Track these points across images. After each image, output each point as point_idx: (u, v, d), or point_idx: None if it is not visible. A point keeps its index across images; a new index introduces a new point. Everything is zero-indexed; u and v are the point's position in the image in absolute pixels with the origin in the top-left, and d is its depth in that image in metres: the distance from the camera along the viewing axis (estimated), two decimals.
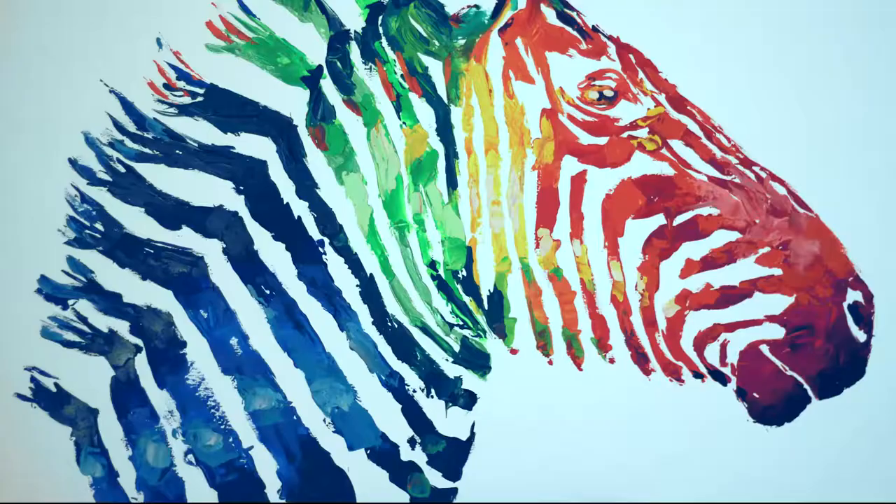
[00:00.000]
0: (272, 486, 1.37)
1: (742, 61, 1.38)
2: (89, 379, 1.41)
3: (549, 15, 1.37)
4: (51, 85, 1.47)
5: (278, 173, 1.38)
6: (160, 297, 1.39)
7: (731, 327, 1.29)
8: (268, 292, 1.37)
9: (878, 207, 1.37)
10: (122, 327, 1.40)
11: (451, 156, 1.35)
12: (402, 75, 1.37)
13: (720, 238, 1.29)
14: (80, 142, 1.42)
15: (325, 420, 1.37)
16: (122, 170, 1.40)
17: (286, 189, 1.38)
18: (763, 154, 1.33)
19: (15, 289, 1.44)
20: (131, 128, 1.41)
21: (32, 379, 1.43)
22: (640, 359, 1.33)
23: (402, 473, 1.37)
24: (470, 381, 1.39)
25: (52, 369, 1.43)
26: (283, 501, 1.37)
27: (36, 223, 1.43)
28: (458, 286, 1.36)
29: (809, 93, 1.37)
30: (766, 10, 1.38)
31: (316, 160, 1.38)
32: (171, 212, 1.39)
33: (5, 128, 1.48)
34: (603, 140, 1.33)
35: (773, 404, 1.30)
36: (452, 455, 1.39)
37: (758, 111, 1.38)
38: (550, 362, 1.36)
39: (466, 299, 1.36)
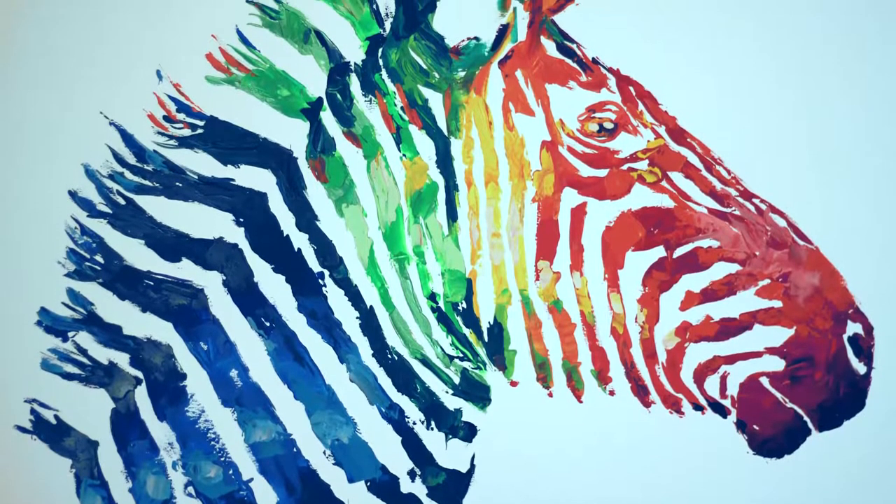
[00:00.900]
0: None
1: (742, 93, 1.41)
2: (89, 411, 1.44)
3: (549, 47, 1.40)
4: (51, 117, 1.51)
5: (278, 205, 1.41)
6: (160, 329, 1.42)
7: (731, 359, 1.31)
8: (268, 324, 1.40)
9: (878, 240, 1.39)
10: (122, 359, 1.43)
11: (451, 188, 1.38)
12: (402, 107, 1.40)
13: (720, 270, 1.32)
14: (81, 174, 1.45)
15: (325, 452, 1.39)
16: (122, 202, 1.43)
17: (286, 221, 1.41)
18: (763, 186, 1.36)
19: (15, 321, 1.47)
20: (131, 160, 1.44)
21: (32, 411, 1.46)
22: (640, 391, 1.35)
23: None
24: (470, 413, 1.41)
25: (52, 401, 1.46)
26: None
27: (36, 255, 1.46)
28: (458, 318, 1.38)
29: (809, 125, 1.40)
30: (766, 43, 1.41)
31: (316, 192, 1.41)
32: (171, 244, 1.42)
33: (6, 159, 1.52)
34: (603, 172, 1.36)
35: (773, 436, 1.32)
36: (452, 487, 1.41)
37: (758, 143, 1.40)
38: (550, 394, 1.38)
39: (466, 331, 1.38)
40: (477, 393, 1.40)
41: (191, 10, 1.48)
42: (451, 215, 1.38)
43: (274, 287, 1.40)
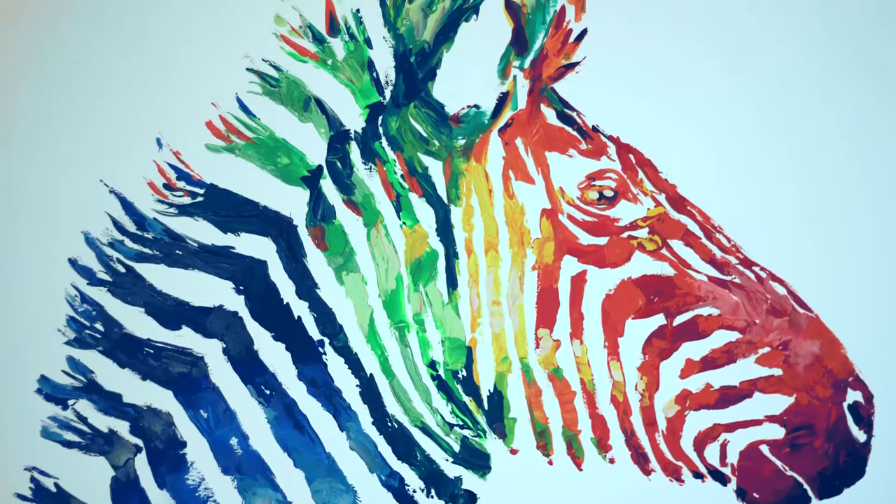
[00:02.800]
0: None
1: (741, 162, 1.45)
2: (89, 479, 1.48)
3: (549, 115, 1.45)
4: (51, 184, 1.55)
5: (278, 273, 1.46)
6: (160, 397, 1.47)
7: (731, 427, 1.35)
8: (268, 392, 1.45)
9: (878, 308, 1.43)
10: (122, 427, 1.47)
11: (451, 256, 1.43)
12: (402, 175, 1.45)
13: (720, 338, 1.36)
14: (81, 242, 1.50)
15: None
16: (123, 270, 1.48)
17: (286, 289, 1.46)
18: (763, 254, 1.41)
19: (15, 388, 1.51)
20: (131, 228, 1.49)
21: (32, 479, 1.50)
22: (640, 459, 1.39)
23: None
24: (470, 480, 1.44)
25: (52, 469, 1.50)
26: None
27: (36, 323, 1.51)
28: (459, 386, 1.43)
29: (809, 195, 1.44)
30: (765, 112, 1.45)
31: (316, 260, 1.46)
32: (172, 312, 1.47)
33: (6, 226, 1.56)
34: (603, 240, 1.41)
35: None
36: None
37: (757, 211, 1.44)
38: (550, 462, 1.42)
39: (466, 399, 1.43)
40: (477, 461, 1.44)
41: (191, 78, 1.53)
42: (451, 283, 1.43)
43: (274, 355, 1.45)
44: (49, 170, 1.56)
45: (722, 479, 1.37)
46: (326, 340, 1.45)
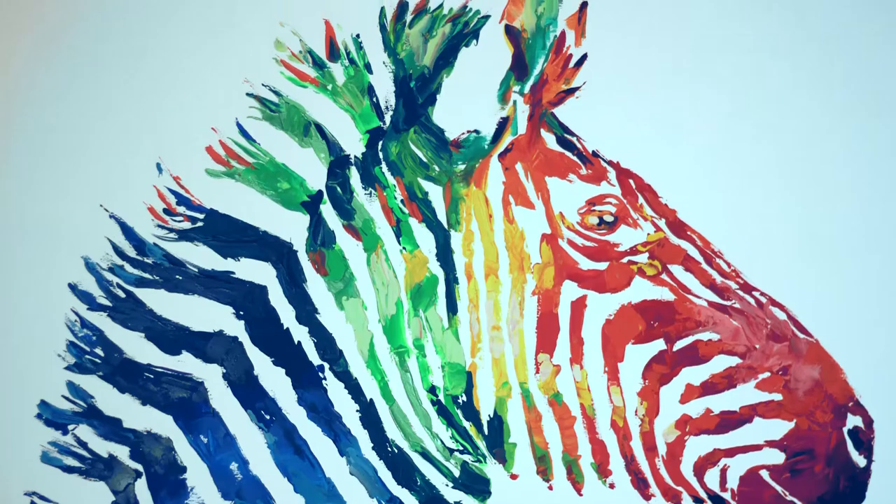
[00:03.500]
0: None
1: (742, 186, 1.47)
2: None
3: (549, 140, 1.47)
4: (51, 210, 1.57)
5: (278, 298, 1.48)
6: (160, 422, 1.48)
7: (731, 452, 1.36)
8: (268, 417, 1.46)
9: (878, 333, 1.44)
10: (122, 452, 1.49)
11: (451, 281, 1.45)
12: (401, 200, 1.47)
13: (720, 363, 1.38)
14: (80, 267, 1.52)
15: None
16: (123, 295, 1.50)
17: (286, 314, 1.47)
18: (763, 279, 1.42)
19: (15, 414, 1.53)
20: (131, 253, 1.51)
21: None
22: (640, 484, 1.40)
23: None
24: None
25: (52, 494, 1.52)
26: None
27: (36, 348, 1.53)
28: (458, 411, 1.44)
29: (810, 219, 1.46)
30: (766, 137, 1.47)
31: (316, 285, 1.48)
32: (171, 337, 1.49)
33: (6, 252, 1.58)
34: (603, 265, 1.42)
35: None
36: None
37: (758, 236, 1.46)
38: (550, 487, 1.43)
39: (466, 424, 1.44)
40: (477, 486, 1.45)
41: (191, 103, 1.55)
42: (451, 308, 1.45)
43: (274, 380, 1.47)
44: (49, 194, 1.58)
45: None
46: (326, 365, 1.47)
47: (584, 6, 1.48)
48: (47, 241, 1.57)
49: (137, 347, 1.49)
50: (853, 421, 1.37)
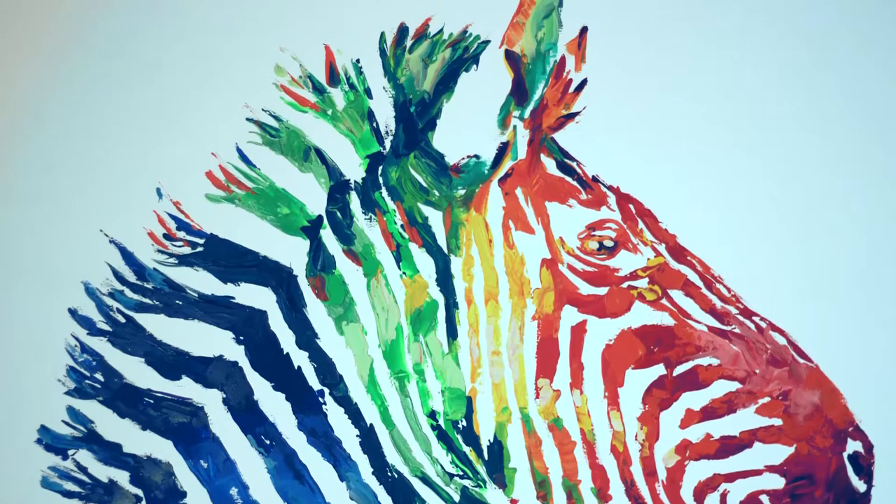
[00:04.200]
0: None
1: (741, 211, 1.49)
2: None
3: (549, 165, 1.49)
4: (51, 235, 1.59)
5: (278, 323, 1.49)
6: (160, 448, 1.49)
7: (731, 477, 1.37)
8: (268, 442, 1.47)
9: (878, 358, 1.47)
10: (122, 477, 1.49)
11: (451, 306, 1.46)
12: (402, 225, 1.49)
13: (720, 388, 1.39)
14: (80, 292, 1.53)
15: None
16: (123, 320, 1.51)
17: (286, 339, 1.49)
18: (763, 304, 1.44)
19: (15, 439, 1.53)
20: (131, 278, 1.52)
21: None
22: None
23: None
24: None
25: None
26: None
27: (36, 373, 1.53)
28: (458, 436, 1.45)
29: (809, 244, 1.48)
30: (766, 162, 1.49)
31: (316, 310, 1.49)
32: (171, 362, 1.50)
33: (6, 277, 1.59)
34: (603, 290, 1.44)
35: None
36: None
37: (758, 261, 1.48)
38: None
39: (466, 449, 1.45)
40: None
41: (191, 128, 1.57)
42: (451, 333, 1.46)
43: (274, 405, 1.48)
44: (49, 220, 1.59)
45: None
46: (326, 390, 1.48)
47: (584, 31, 1.50)
48: (47, 266, 1.58)
49: (137, 372, 1.50)
50: (853, 446, 1.38)
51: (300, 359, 1.49)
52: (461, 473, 1.46)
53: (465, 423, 1.45)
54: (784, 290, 1.47)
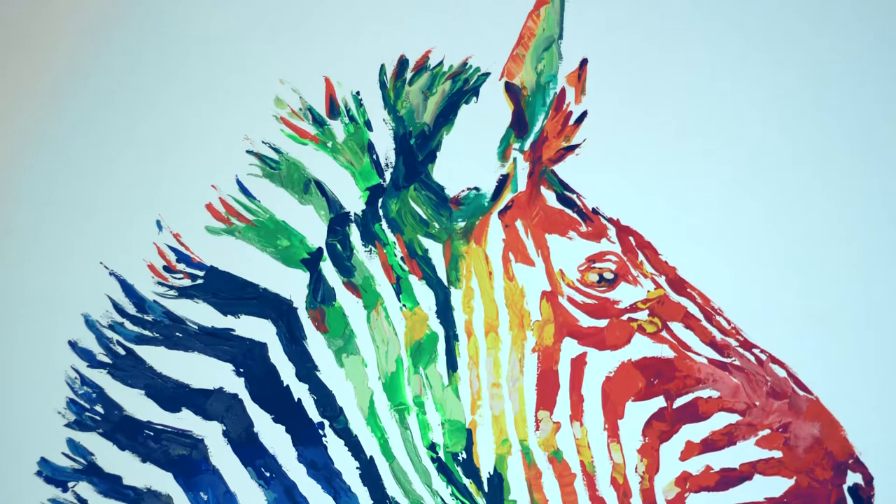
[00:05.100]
0: None
1: (742, 244, 1.50)
2: None
3: (549, 197, 1.51)
4: (50, 267, 1.60)
5: (278, 356, 1.51)
6: (160, 480, 1.50)
7: None
8: (268, 474, 1.49)
9: (878, 390, 1.48)
10: None
11: (451, 338, 1.48)
12: (402, 258, 1.50)
13: (720, 420, 1.40)
14: (80, 324, 1.55)
15: None
16: (123, 352, 1.53)
17: (286, 371, 1.50)
18: (763, 336, 1.45)
19: (15, 471, 1.55)
20: (131, 310, 1.54)
21: None
22: None
23: None
24: None
25: None
26: None
27: (36, 405, 1.55)
28: (458, 468, 1.46)
29: (809, 277, 1.49)
30: (766, 196, 1.51)
31: (316, 342, 1.50)
32: (171, 394, 1.52)
33: (6, 309, 1.61)
34: (603, 322, 1.45)
35: None
36: None
37: (758, 293, 1.49)
38: None
39: (466, 481, 1.46)
40: None
41: (191, 160, 1.58)
42: (451, 365, 1.47)
43: (274, 437, 1.49)
44: (49, 252, 1.61)
45: None
46: (326, 423, 1.49)
47: (584, 63, 1.52)
48: (47, 299, 1.59)
49: (137, 405, 1.52)
50: (853, 478, 1.39)
51: (300, 391, 1.50)
52: None
53: (465, 455, 1.47)
54: (784, 323, 1.48)
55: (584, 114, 1.52)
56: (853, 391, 1.47)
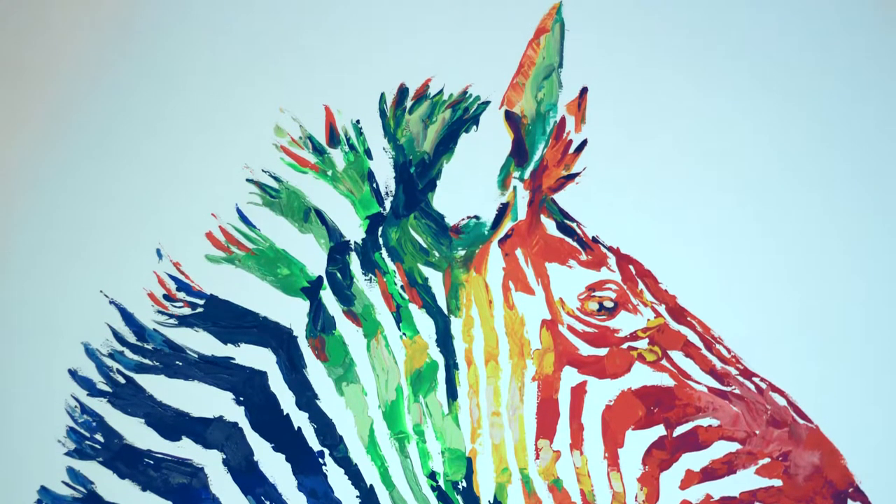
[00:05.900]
0: None
1: (742, 273, 1.52)
2: None
3: (549, 226, 1.52)
4: (51, 295, 1.62)
5: (278, 384, 1.52)
6: None
7: None
8: (268, 503, 1.51)
9: (878, 418, 1.49)
10: None
11: (451, 367, 1.49)
12: (402, 286, 1.52)
13: (720, 449, 1.42)
14: (80, 353, 1.56)
15: None
16: (123, 381, 1.54)
17: (286, 400, 1.52)
18: (763, 365, 1.47)
19: (15, 500, 1.56)
20: (131, 339, 1.55)
21: None
22: None
23: None
24: None
25: None
26: None
27: (36, 434, 1.56)
28: (459, 497, 1.48)
29: (810, 305, 1.51)
30: (766, 223, 1.53)
31: (316, 371, 1.52)
32: (171, 423, 1.53)
33: (6, 337, 1.62)
34: (603, 351, 1.47)
35: None
36: None
37: (758, 322, 1.51)
38: None
39: None
40: None
41: (191, 189, 1.60)
42: (451, 394, 1.49)
43: (274, 466, 1.50)
44: (49, 280, 1.62)
45: None
46: (326, 451, 1.50)
47: (584, 92, 1.54)
48: (47, 327, 1.61)
49: (137, 433, 1.53)
50: None
51: (300, 420, 1.51)
52: None
53: (465, 483, 1.48)
54: (784, 351, 1.50)
55: (584, 142, 1.53)
56: (853, 420, 1.48)
